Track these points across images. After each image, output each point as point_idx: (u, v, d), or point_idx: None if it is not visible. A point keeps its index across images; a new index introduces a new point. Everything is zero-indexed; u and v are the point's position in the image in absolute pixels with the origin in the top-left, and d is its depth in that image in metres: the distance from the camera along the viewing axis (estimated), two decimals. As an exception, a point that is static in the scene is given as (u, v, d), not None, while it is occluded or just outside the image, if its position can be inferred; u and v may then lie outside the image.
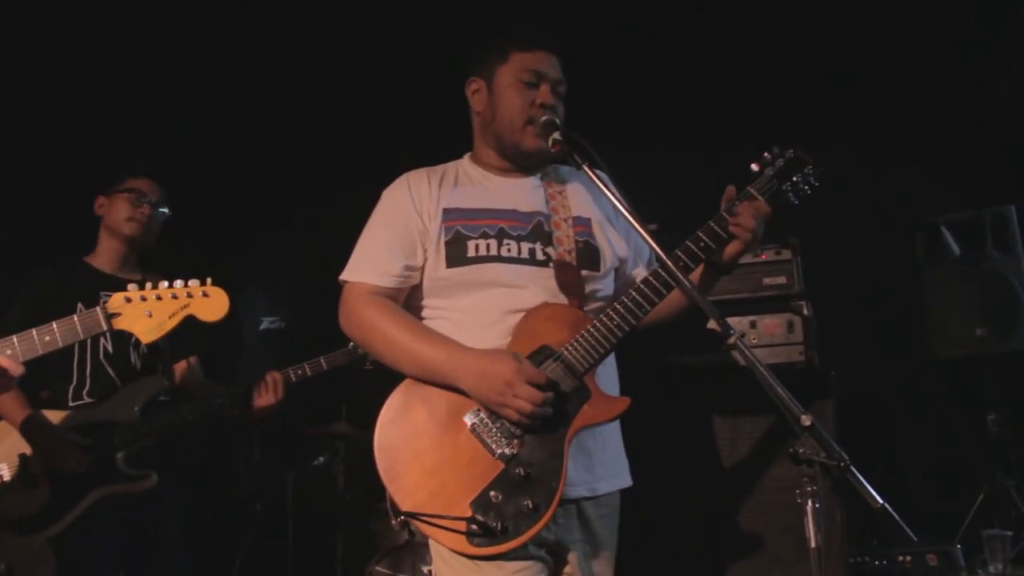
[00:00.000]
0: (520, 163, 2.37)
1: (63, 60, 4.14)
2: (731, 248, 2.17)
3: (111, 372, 3.20)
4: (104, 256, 3.37)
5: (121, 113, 4.33)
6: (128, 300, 2.34)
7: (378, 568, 3.62)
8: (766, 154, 2.26)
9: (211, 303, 2.36)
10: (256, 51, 4.32)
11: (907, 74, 4.23)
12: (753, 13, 4.17)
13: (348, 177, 4.48)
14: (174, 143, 4.47)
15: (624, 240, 2.39)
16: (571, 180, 2.42)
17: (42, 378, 3.21)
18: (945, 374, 4.10)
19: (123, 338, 3.23)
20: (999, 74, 4.17)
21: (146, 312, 2.33)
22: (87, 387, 3.17)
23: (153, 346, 3.24)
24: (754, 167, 2.24)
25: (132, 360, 3.25)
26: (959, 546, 3.43)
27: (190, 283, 2.35)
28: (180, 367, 3.40)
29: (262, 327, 4.67)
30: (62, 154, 4.21)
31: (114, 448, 3.05)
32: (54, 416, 3.08)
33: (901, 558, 3.43)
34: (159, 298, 2.34)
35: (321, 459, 4.13)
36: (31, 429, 3.01)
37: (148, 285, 2.34)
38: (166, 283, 2.35)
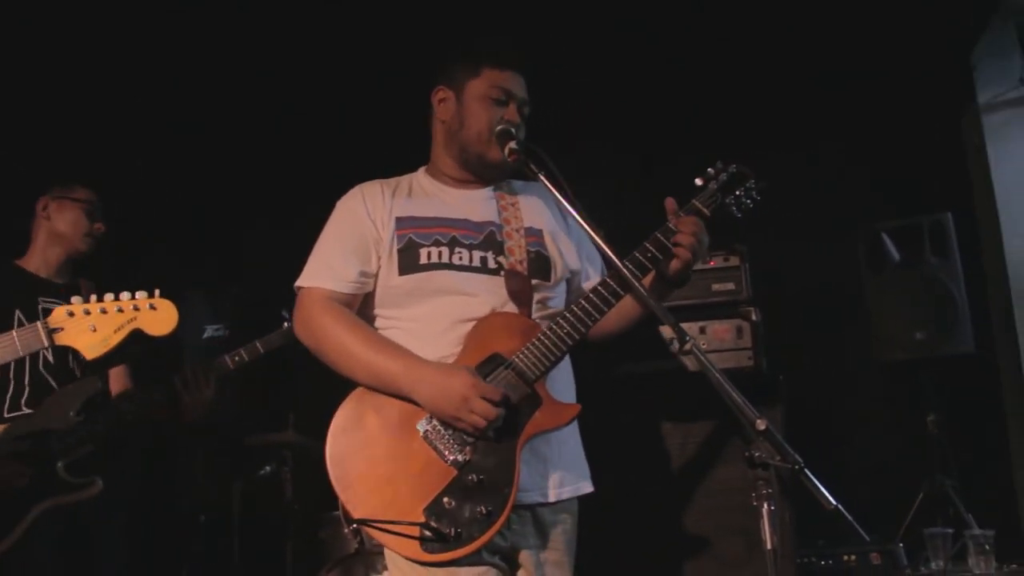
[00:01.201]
0: (480, 174, 2.39)
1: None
2: (673, 264, 2.19)
3: (51, 382, 3.07)
4: (40, 259, 3.24)
5: (49, 110, 4.23)
6: (71, 314, 2.24)
7: (328, 577, 3.58)
8: (710, 169, 2.30)
9: (159, 316, 2.27)
10: (201, 56, 4.24)
11: (852, 83, 4.33)
12: (700, 22, 4.22)
13: (294, 187, 4.46)
14: (111, 147, 4.37)
15: (576, 252, 2.42)
16: (524, 193, 2.45)
17: None
18: (887, 377, 4.20)
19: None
20: (937, 89, 4.29)
21: (90, 326, 2.23)
22: (25, 396, 3.04)
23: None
24: (698, 181, 2.29)
25: (71, 367, 3.13)
26: (901, 544, 3.52)
27: (137, 295, 2.26)
28: (115, 372, 3.29)
29: (205, 335, 4.58)
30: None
31: (53, 457, 2.88)
32: None
33: (846, 557, 3.50)
34: (104, 311, 2.24)
35: (268, 468, 4.06)
36: None
37: (92, 298, 2.24)
38: (111, 295, 2.25)
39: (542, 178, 2.15)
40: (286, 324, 3.22)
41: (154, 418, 3.09)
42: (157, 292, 2.26)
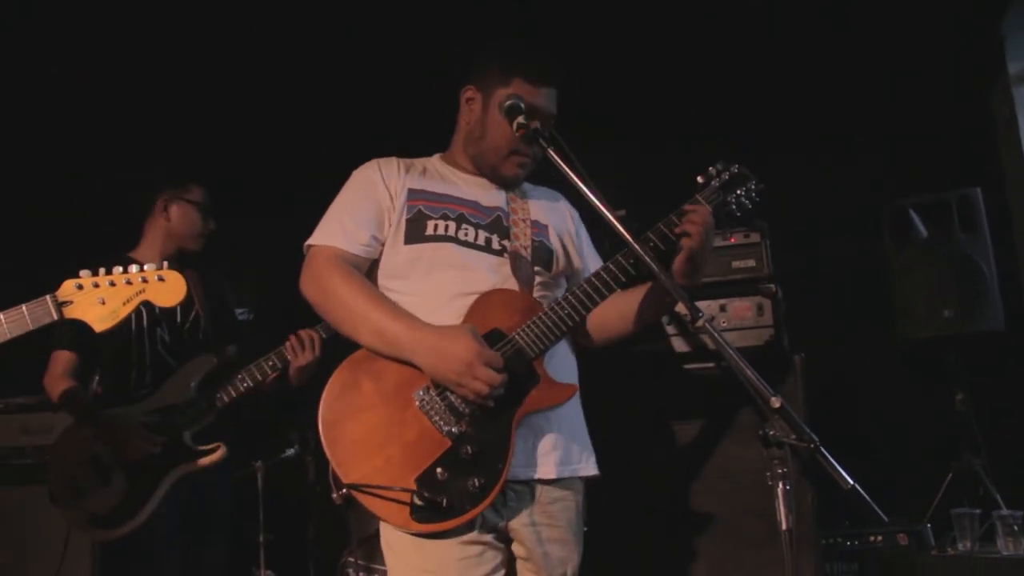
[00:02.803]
0: (492, 180, 2.41)
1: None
2: (680, 257, 2.18)
3: (171, 362, 3.28)
4: (152, 253, 3.39)
5: (76, 109, 4.31)
6: (80, 287, 2.21)
7: (351, 558, 3.60)
8: (711, 168, 2.32)
9: (167, 287, 2.23)
10: (227, 44, 4.25)
11: (874, 60, 4.24)
12: (724, 7, 4.16)
13: (313, 170, 4.45)
14: (136, 136, 4.41)
15: (578, 252, 2.45)
16: (533, 195, 2.48)
17: (99, 372, 3.34)
18: (913, 355, 4.13)
19: (176, 326, 3.33)
20: (965, 61, 4.20)
21: (99, 299, 2.21)
22: (148, 376, 3.25)
23: (202, 332, 3.37)
24: (700, 179, 2.30)
25: (188, 347, 3.32)
26: (928, 525, 3.47)
27: (146, 267, 2.24)
28: (222, 355, 3.43)
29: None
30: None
31: (179, 428, 3.14)
32: (120, 407, 3.17)
33: (872, 538, 3.46)
34: (112, 284, 2.21)
35: (291, 451, 4.09)
36: (101, 423, 3.11)
37: (101, 271, 2.23)
38: (120, 268, 2.24)
39: (551, 153, 2.12)
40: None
41: (265, 387, 3.28)
42: (165, 264, 2.24)
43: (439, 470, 2.01)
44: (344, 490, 1.99)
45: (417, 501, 1.97)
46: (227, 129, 4.58)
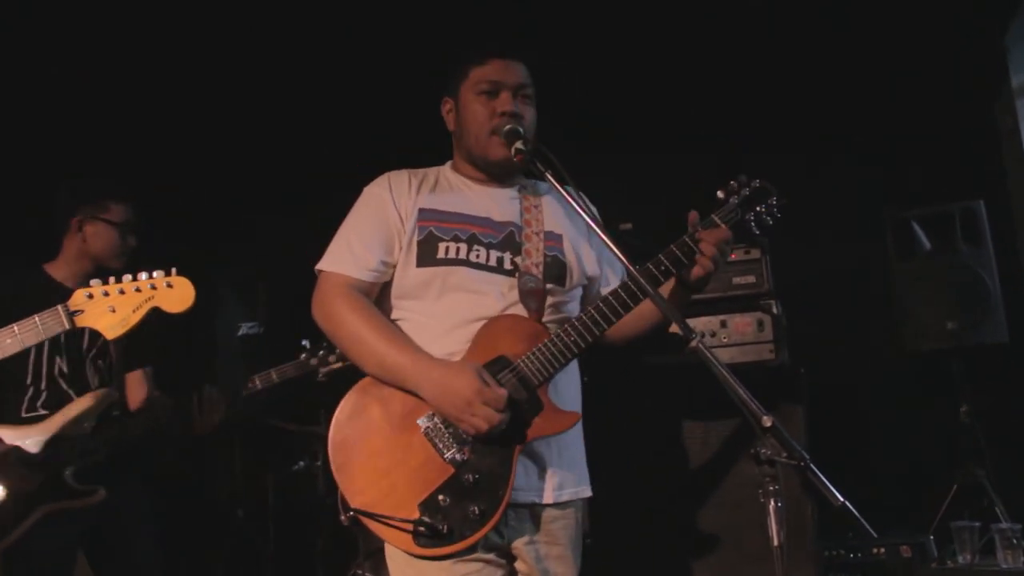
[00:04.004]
0: (492, 173, 2.41)
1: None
2: (695, 271, 2.21)
3: (69, 391, 3.14)
4: (68, 270, 3.26)
5: (82, 112, 4.28)
6: (90, 296, 2.26)
7: (359, 571, 3.64)
8: (732, 182, 2.28)
9: (176, 294, 2.27)
10: (230, 50, 4.28)
11: (878, 71, 4.26)
12: (726, 14, 4.18)
13: (322, 183, 4.48)
14: (143, 147, 4.42)
15: (596, 259, 2.44)
16: (547, 195, 2.46)
17: None
18: (917, 367, 4.14)
19: (79, 355, 3.19)
20: (969, 72, 4.21)
21: (109, 307, 2.25)
22: (42, 399, 3.10)
23: (105, 359, 3.22)
24: (719, 194, 2.27)
25: (88, 377, 3.19)
26: (932, 537, 3.48)
27: (154, 274, 2.28)
28: (133, 377, 3.34)
29: (240, 332, 4.67)
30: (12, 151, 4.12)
31: (62, 463, 2.98)
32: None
33: (875, 550, 3.47)
34: (122, 292, 2.26)
35: (301, 463, 4.14)
36: None
37: (111, 279, 2.27)
38: (129, 276, 2.28)
39: (548, 177, 2.16)
40: (302, 356, 3.39)
41: (163, 432, 3.17)
42: (174, 270, 2.27)
43: (441, 497, 2.07)
44: (351, 512, 2.07)
45: (419, 528, 2.03)
46: (236, 136, 4.59)
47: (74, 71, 4.17)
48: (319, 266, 2.33)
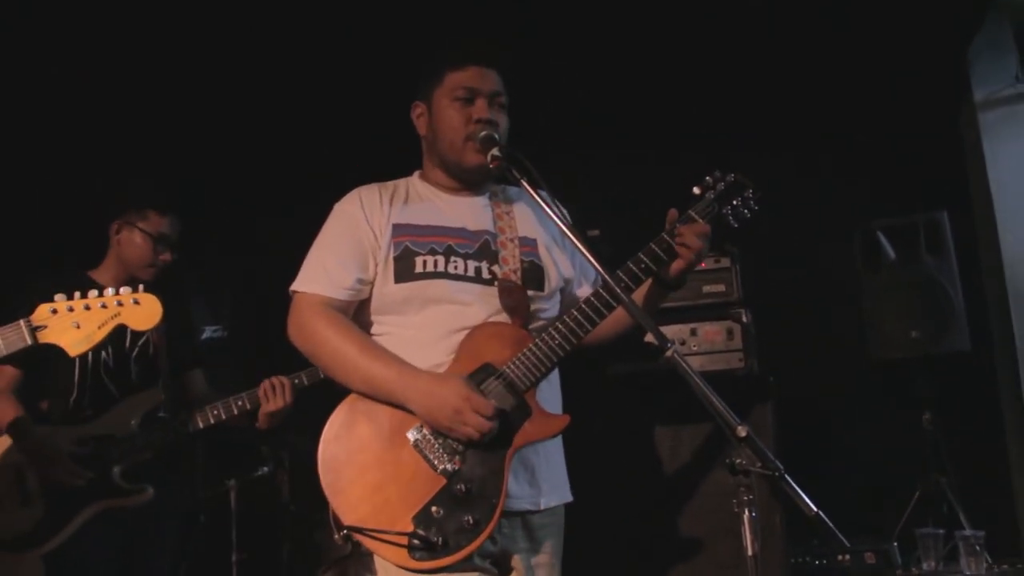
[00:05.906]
0: (465, 180, 2.39)
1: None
2: (675, 265, 2.22)
3: (111, 387, 3.18)
4: (108, 276, 3.30)
5: (82, 112, 4.22)
6: (54, 312, 2.22)
7: (323, 578, 3.61)
8: (707, 177, 2.29)
9: (142, 311, 2.24)
10: (204, 58, 4.22)
11: (847, 80, 4.30)
12: (698, 20, 4.20)
13: (290, 189, 4.45)
14: (128, 149, 4.36)
15: (569, 261, 2.43)
16: (518, 201, 2.45)
17: (43, 392, 3.22)
18: (881, 376, 4.19)
19: (123, 352, 3.23)
20: (934, 85, 4.27)
21: (73, 323, 2.21)
22: (87, 400, 3.15)
23: (151, 360, 3.26)
24: (696, 190, 2.28)
25: (132, 374, 3.23)
26: (896, 544, 3.52)
27: (121, 291, 2.25)
28: (192, 376, 3.42)
29: (204, 336, 4.60)
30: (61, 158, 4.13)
31: (111, 462, 3.04)
32: (52, 429, 3.07)
33: (840, 557, 3.51)
34: (87, 308, 2.22)
35: (265, 468, 4.08)
36: (28, 443, 3.00)
37: (76, 295, 2.24)
38: (95, 292, 2.25)
39: (524, 184, 2.16)
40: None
41: (233, 423, 3.19)
42: (140, 287, 2.24)
43: (434, 508, 2.05)
44: (344, 531, 2.04)
45: (414, 541, 2.02)
46: (221, 133, 4.52)
47: (72, 71, 4.10)
48: (293, 287, 2.30)
